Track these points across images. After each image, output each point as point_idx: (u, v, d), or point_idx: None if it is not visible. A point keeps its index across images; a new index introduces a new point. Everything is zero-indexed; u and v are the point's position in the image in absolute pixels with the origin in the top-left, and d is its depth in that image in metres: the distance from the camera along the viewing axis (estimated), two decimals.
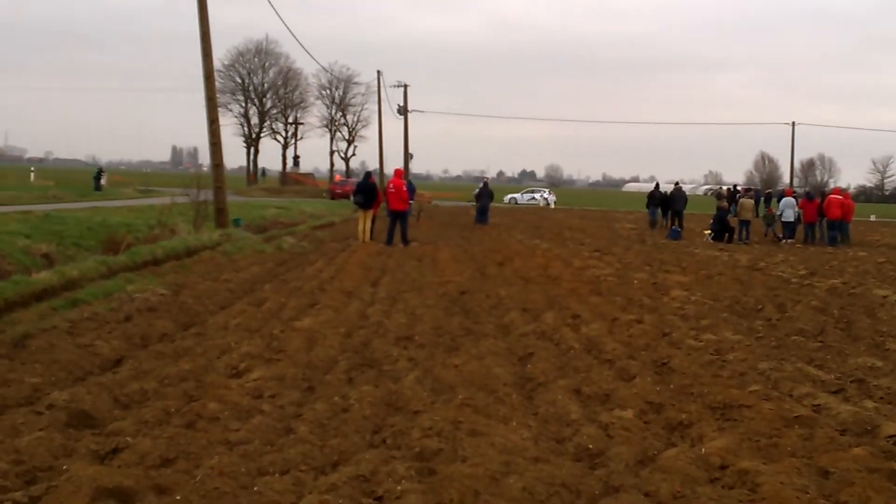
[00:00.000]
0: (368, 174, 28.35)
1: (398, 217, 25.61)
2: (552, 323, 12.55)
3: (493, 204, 42.10)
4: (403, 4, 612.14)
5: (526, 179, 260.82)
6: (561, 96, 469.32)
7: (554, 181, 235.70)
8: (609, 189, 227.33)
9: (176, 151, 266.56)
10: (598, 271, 19.55)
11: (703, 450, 6.83)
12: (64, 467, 6.02)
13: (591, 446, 6.98)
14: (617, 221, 47.16)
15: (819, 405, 8.29)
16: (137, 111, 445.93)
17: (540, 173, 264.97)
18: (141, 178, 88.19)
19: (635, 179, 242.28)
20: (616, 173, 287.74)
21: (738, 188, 55.96)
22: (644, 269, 20.67)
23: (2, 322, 11.86)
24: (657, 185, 42.07)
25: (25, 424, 6.88)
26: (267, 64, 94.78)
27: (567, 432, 7.41)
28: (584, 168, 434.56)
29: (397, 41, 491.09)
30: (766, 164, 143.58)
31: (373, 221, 26.75)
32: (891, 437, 7.24)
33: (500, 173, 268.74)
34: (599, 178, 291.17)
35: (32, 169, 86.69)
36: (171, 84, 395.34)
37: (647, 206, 41.47)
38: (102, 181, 62.86)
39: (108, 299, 13.59)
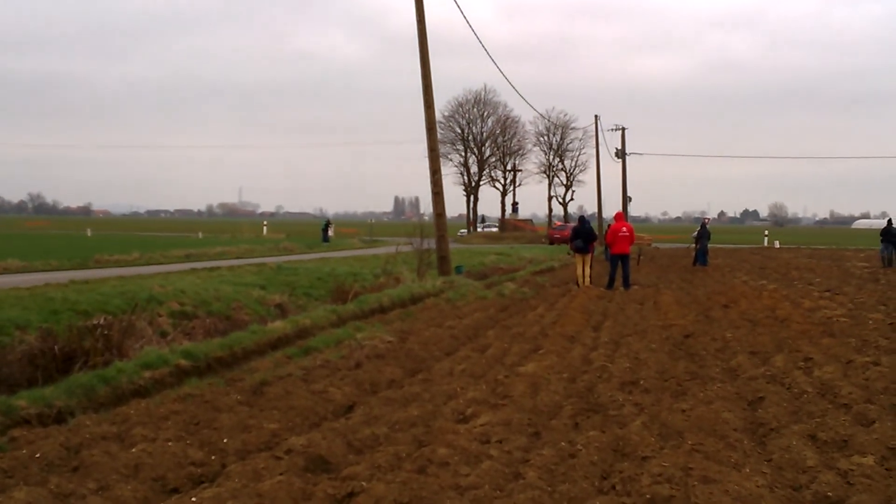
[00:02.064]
0: (583, 218, 28.14)
1: (621, 260, 25.40)
2: (782, 366, 12.11)
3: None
4: (618, 48, 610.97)
5: (748, 219, 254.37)
6: (781, 133, 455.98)
7: (778, 220, 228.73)
8: (837, 226, 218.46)
9: (398, 202, 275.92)
10: (829, 312, 18.73)
11: None
12: None
13: (830, 494, 6.67)
14: (847, 260, 45.14)
15: None
16: (360, 164, 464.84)
17: (763, 212, 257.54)
18: (365, 229, 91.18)
19: (865, 216, 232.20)
20: (844, 210, 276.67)
21: None
22: (879, 308, 19.65)
23: (241, 370, 12.54)
24: (889, 220, 40.22)
25: (266, 469, 7.18)
26: (486, 113, 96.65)
27: (804, 479, 7.11)
28: (810, 206, 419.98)
29: (612, 84, 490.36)
30: None
31: (590, 266, 26.58)
32: None
33: (721, 213, 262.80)
34: (826, 215, 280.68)
35: (265, 223, 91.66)
36: (391, 137, 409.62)
37: (881, 243, 39.69)
38: (330, 232, 65.57)
39: (339, 347, 14.08)
